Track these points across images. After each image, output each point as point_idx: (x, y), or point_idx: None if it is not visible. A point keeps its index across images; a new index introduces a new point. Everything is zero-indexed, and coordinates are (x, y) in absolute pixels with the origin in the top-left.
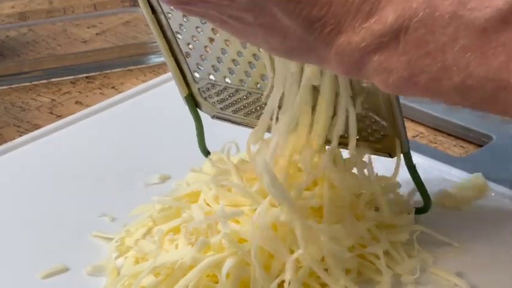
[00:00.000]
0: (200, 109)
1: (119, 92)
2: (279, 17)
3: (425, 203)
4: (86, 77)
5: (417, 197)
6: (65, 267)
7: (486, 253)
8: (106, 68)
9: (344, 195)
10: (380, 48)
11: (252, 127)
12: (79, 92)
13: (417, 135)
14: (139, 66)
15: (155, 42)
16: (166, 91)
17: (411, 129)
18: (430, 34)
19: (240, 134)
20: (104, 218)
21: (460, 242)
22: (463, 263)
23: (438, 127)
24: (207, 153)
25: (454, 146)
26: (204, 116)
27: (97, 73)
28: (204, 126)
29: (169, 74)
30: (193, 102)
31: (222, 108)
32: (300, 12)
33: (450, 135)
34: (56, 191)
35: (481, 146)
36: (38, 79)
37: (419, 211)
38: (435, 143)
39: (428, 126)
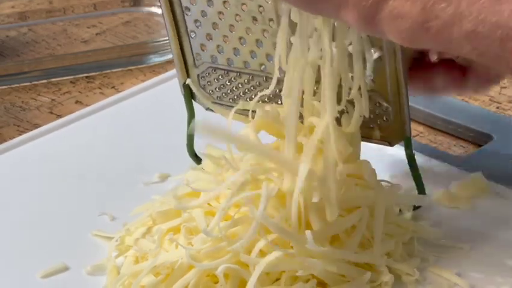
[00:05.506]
0: (194, 100)
1: (119, 92)
2: None
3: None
4: (86, 77)
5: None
6: (65, 267)
7: (486, 253)
8: (106, 68)
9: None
10: None
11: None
12: (79, 91)
13: (417, 135)
14: (139, 66)
15: (155, 42)
16: (165, 91)
17: (411, 129)
18: None
19: None
20: (104, 217)
21: (460, 241)
22: (463, 263)
23: (439, 127)
24: (193, 152)
25: (454, 146)
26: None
27: (97, 73)
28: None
29: (169, 74)
30: (189, 91)
31: (219, 97)
32: None
33: (450, 135)
34: (55, 190)
35: (480, 145)
36: (38, 79)
37: (414, 206)
38: (435, 143)
39: (428, 126)
